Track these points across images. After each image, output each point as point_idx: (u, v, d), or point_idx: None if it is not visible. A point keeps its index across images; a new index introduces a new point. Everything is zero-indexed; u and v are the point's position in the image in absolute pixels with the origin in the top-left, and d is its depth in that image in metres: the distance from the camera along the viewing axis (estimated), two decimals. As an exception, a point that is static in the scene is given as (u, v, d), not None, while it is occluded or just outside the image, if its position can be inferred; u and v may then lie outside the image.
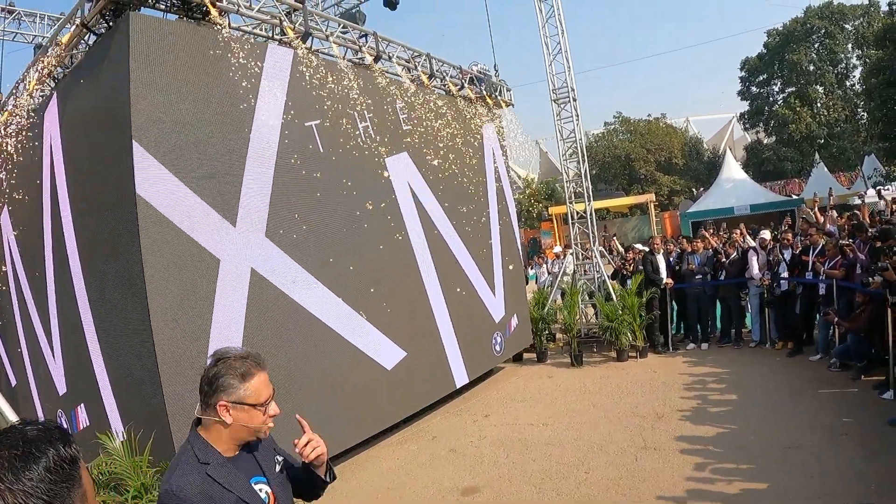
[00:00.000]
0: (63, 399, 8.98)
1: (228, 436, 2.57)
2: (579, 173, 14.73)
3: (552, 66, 14.63)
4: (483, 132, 12.93)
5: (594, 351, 13.87)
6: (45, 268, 8.81)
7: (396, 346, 9.69)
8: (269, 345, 7.55)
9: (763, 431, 8.05)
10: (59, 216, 8.12)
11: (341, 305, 8.75)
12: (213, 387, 2.51)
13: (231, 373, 2.53)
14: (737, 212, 28.80)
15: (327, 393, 8.36)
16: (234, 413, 2.52)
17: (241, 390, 2.53)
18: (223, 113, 7.30)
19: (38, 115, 8.52)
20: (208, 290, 6.94)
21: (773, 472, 6.82)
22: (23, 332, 10.21)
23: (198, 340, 6.74)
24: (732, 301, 13.33)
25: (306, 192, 8.36)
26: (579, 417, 9.57)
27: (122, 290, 6.86)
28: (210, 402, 2.51)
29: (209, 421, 2.54)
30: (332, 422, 8.30)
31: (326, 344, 8.45)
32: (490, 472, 7.95)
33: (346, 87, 9.10)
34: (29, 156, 8.69)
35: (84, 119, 7.52)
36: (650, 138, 45.48)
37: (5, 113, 9.06)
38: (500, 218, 13.34)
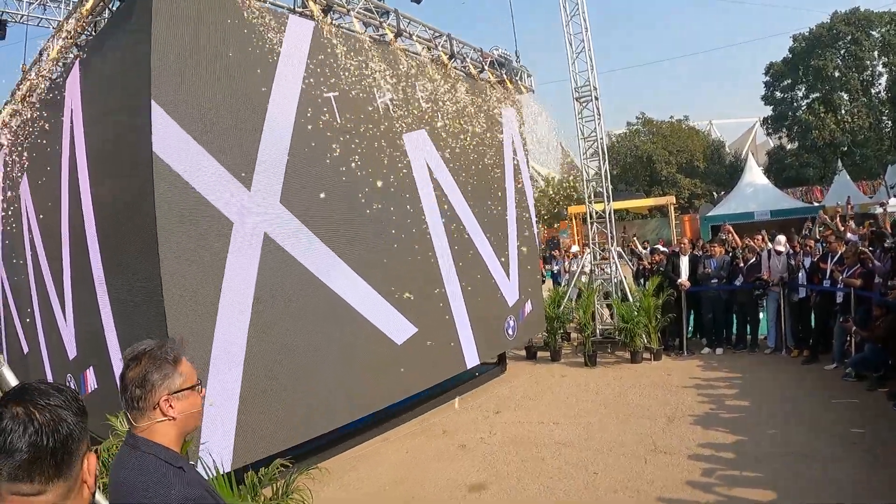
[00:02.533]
0: (73, 363, 9.11)
1: (177, 433, 2.36)
2: (599, 173, 14.69)
3: (575, 65, 14.59)
4: (502, 115, 12.89)
5: (608, 352, 13.83)
6: (61, 232, 8.95)
7: (408, 322, 9.70)
8: (279, 311, 7.64)
9: (774, 438, 8.02)
10: (76, 181, 8.25)
11: (353, 276, 8.77)
12: (147, 386, 2.29)
13: (162, 363, 2.35)
14: (757, 217, 28.66)
15: (335, 363, 8.40)
16: (177, 405, 2.33)
17: (178, 377, 2.36)
18: (242, 79, 7.36)
19: (59, 83, 8.69)
20: (220, 251, 6.98)
21: (782, 479, 6.78)
22: (36, 299, 10.39)
23: (208, 302, 6.81)
24: (749, 306, 13.24)
25: (323, 163, 8.39)
26: (590, 418, 9.55)
27: (134, 250, 6.93)
28: (148, 404, 2.29)
29: (150, 426, 2.29)
30: (341, 393, 8.44)
31: (337, 314, 8.48)
32: (499, 469, 7.95)
33: (366, 62, 9.13)
34: (49, 124, 8.86)
35: (105, 83, 7.64)
36: (673, 140, 45.33)
37: (27, 82, 9.17)
38: (517, 202, 13.32)
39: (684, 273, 13.58)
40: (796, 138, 43.12)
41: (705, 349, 13.48)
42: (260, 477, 5.80)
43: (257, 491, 5.66)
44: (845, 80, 40.35)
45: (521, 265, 13.18)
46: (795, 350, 12.30)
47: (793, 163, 41.81)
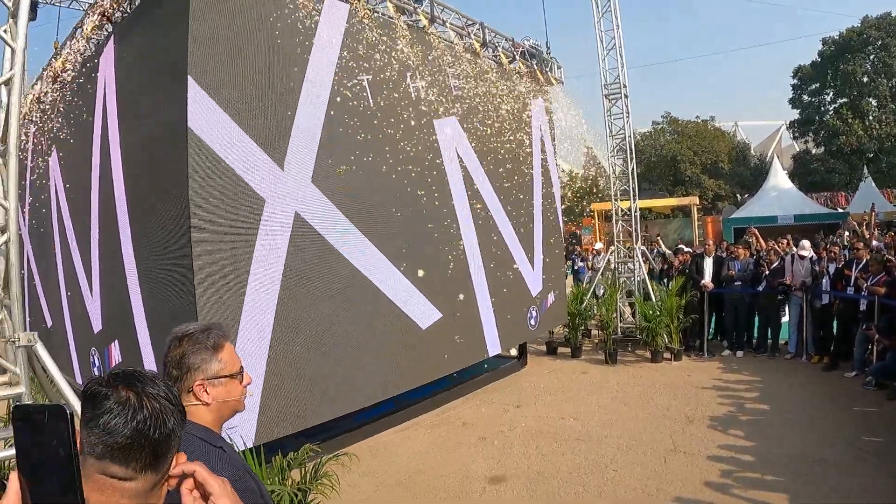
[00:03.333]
0: (97, 336, 9.24)
1: (212, 419, 2.37)
2: (626, 171, 14.70)
3: (605, 61, 14.59)
4: (531, 106, 12.88)
5: (629, 350, 13.86)
6: (91, 206, 9.06)
7: (433, 307, 9.76)
8: (307, 290, 7.70)
9: (792, 444, 8.03)
10: (108, 155, 8.33)
11: (381, 259, 8.83)
12: (183, 368, 2.32)
13: (200, 347, 2.36)
14: (780, 221, 28.55)
15: (361, 345, 8.46)
16: (213, 391, 2.35)
17: (216, 363, 2.37)
18: (278, 58, 7.40)
19: (93, 60, 8.80)
20: (252, 228, 7.04)
21: (797, 485, 6.82)
22: (63, 272, 10.55)
23: (237, 277, 6.87)
24: (771, 310, 13.23)
25: (354, 144, 8.42)
26: (610, 415, 9.61)
27: (166, 224, 7.00)
28: (183, 387, 2.31)
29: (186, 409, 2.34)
30: (364, 374, 8.50)
31: (364, 295, 8.55)
32: (518, 462, 8.01)
33: (400, 47, 9.15)
34: (82, 99, 8.98)
35: (140, 58, 7.71)
36: (698, 140, 45.08)
37: (59, 59, 9.29)
38: (544, 193, 13.34)
39: (708, 274, 13.58)
40: (822, 143, 42.67)
41: (726, 352, 13.46)
42: (289, 461, 5.90)
43: (286, 474, 5.76)
44: (874, 85, 39.87)
45: (545, 256, 13.21)
46: (816, 356, 12.25)
47: (818, 168, 41.46)
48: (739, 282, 13.25)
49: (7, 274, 5.15)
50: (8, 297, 5.19)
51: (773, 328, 13.25)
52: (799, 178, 40.58)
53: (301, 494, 5.47)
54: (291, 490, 5.41)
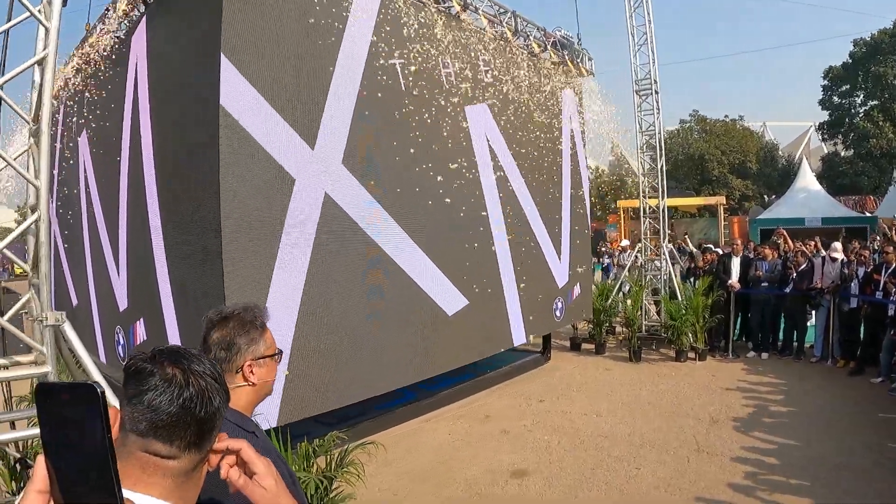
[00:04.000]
0: (123, 315, 9.31)
1: (250, 401, 2.37)
2: (655, 168, 14.64)
3: (636, 57, 14.53)
4: (562, 97, 12.84)
5: (653, 348, 13.85)
6: (119, 185, 9.10)
7: (460, 294, 9.77)
8: (335, 272, 7.71)
9: (815, 448, 7.98)
10: (138, 134, 8.37)
11: (409, 243, 8.84)
12: (233, 349, 2.30)
13: (250, 327, 2.36)
14: (808, 223, 28.22)
15: (387, 328, 8.48)
16: (258, 371, 2.34)
17: (262, 344, 2.37)
18: (311, 38, 7.41)
19: (124, 39, 8.85)
20: (281, 207, 7.06)
21: (819, 489, 6.77)
22: (89, 252, 10.65)
23: (265, 257, 6.90)
24: (798, 313, 13.12)
25: (385, 127, 8.44)
26: (633, 413, 9.58)
27: (195, 202, 7.02)
28: (231, 368, 2.30)
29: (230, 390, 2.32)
30: (391, 358, 8.52)
31: (391, 278, 8.56)
32: (541, 456, 8.01)
33: (432, 33, 9.16)
34: (112, 79, 9.05)
35: (173, 38, 7.75)
36: (726, 140, 44.78)
37: (91, 39, 9.37)
38: (573, 184, 13.31)
39: (735, 274, 13.50)
40: (852, 145, 42.13)
41: (751, 353, 13.36)
42: (314, 448, 5.92)
43: (311, 460, 5.78)
44: (905, 88, 39.44)
45: (572, 248, 13.20)
46: (842, 360, 12.15)
47: (847, 170, 40.97)
48: (766, 283, 13.16)
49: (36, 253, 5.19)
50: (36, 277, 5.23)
51: (800, 331, 13.13)
52: (827, 180, 40.03)
53: (326, 482, 5.49)
54: (317, 477, 5.44)
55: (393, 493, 7.11)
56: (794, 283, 12.83)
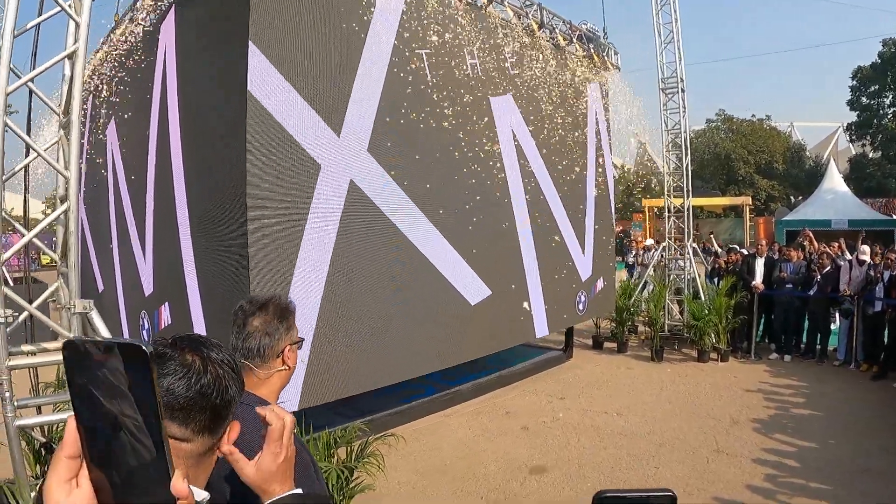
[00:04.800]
0: (148, 299, 9.39)
1: (280, 386, 2.39)
2: (680, 167, 14.60)
3: (663, 55, 14.49)
4: (587, 90, 12.80)
5: (675, 348, 13.81)
6: (147, 172, 9.18)
7: (483, 284, 9.78)
8: (357, 257, 7.76)
9: (836, 451, 7.96)
10: (166, 120, 8.45)
11: (433, 231, 8.89)
12: (275, 335, 2.33)
13: (287, 313, 2.41)
14: (834, 225, 28.02)
15: (409, 316, 8.53)
16: (291, 356, 2.39)
17: (295, 329, 2.43)
18: (338, 28, 7.45)
19: (153, 29, 8.96)
20: (307, 192, 7.13)
21: (839, 492, 6.77)
22: (116, 238, 10.76)
23: (291, 242, 6.97)
24: (821, 316, 13.04)
25: (411, 117, 8.48)
26: (654, 412, 9.59)
27: (221, 186, 7.11)
28: (273, 353, 2.33)
29: (267, 375, 2.33)
30: (412, 345, 8.57)
31: (415, 266, 8.61)
32: (560, 453, 8.04)
33: (458, 24, 9.16)
34: (141, 67, 9.15)
35: (202, 26, 7.82)
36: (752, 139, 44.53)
37: (120, 29, 9.48)
38: (597, 179, 13.27)
39: (759, 275, 13.43)
40: (880, 147, 41.74)
41: (773, 355, 13.30)
42: (336, 438, 5.97)
43: (332, 450, 5.84)
44: (936, 90, 38.99)
45: (596, 242, 13.16)
46: (865, 364, 12.05)
47: (874, 172, 40.63)
48: (791, 284, 13.09)
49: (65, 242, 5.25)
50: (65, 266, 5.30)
51: (823, 333, 13.05)
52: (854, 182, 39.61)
53: (347, 472, 5.55)
54: (338, 468, 5.49)
55: (412, 486, 7.16)
56: (818, 285, 12.76)
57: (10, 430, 4.81)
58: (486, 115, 9.83)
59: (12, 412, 4.80)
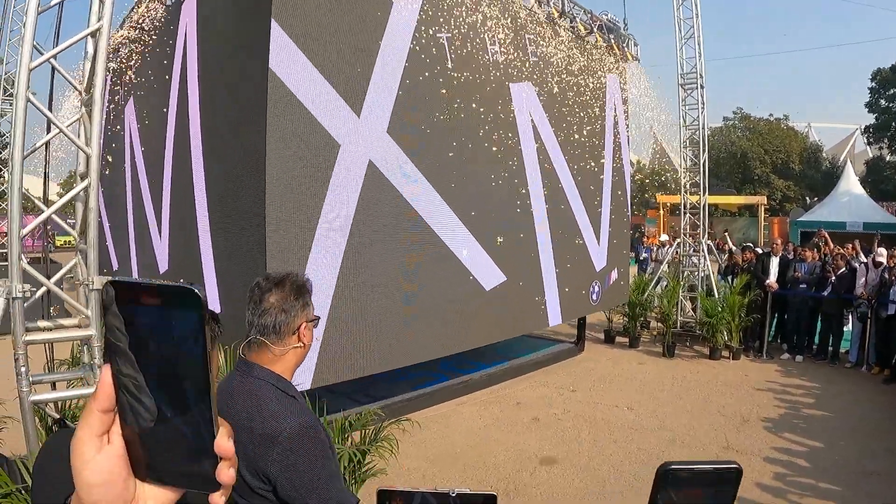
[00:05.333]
0: (163, 277, 9.37)
1: (296, 363, 2.42)
2: (697, 163, 14.58)
3: (682, 51, 14.46)
4: (606, 81, 12.79)
5: (687, 345, 13.80)
6: (165, 149, 9.28)
7: (498, 269, 9.80)
8: (374, 237, 7.79)
9: (844, 453, 7.95)
10: (186, 98, 8.53)
11: (451, 215, 8.90)
12: (292, 311, 2.34)
13: (304, 290, 2.41)
14: (849, 227, 27.87)
15: (424, 299, 8.55)
16: (307, 333, 2.41)
17: (311, 306, 2.43)
18: (360, 9, 7.48)
19: (174, 8, 9.05)
20: (325, 171, 7.14)
21: (845, 494, 6.78)
22: (132, 216, 10.90)
23: (307, 220, 6.98)
24: (834, 317, 13.00)
25: (431, 100, 8.51)
26: (665, 407, 9.60)
27: (241, 164, 7.16)
28: (289, 329, 2.34)
29: (283, 351, 2.35)
30: (426, 328, 8.61)
31: (431, 249, 8.63)
32: (570, 446, 8.06)
33: (480, 9, 9.18)
34: (161, 47, 9.24)
35: (223, 4, 7.89)
36: (769, 139, 44.33)
37: (143, 7, 9.53)
38: (615, 168, 13.27)
39: (773, 274, 13.40)
40: (897, 150, 41.61)
41: (785, 355, 13.26)
42: (350, 421, 6.02)
43: (347, 434, 5.89)
44: (954, 92, 38.65)
45: (611, 233, 13.17)
46: (877, 367, 12.01)
47: (891, 175, 40.38)
48: (805, 284, 13.06)
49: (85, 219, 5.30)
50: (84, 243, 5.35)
51: (835, 335, 13.00)
52: (870, 185, 39.35)
53: (360, 455, 5.59)
54: (351, 450, 5.53)
55: (422, 473, 7.18)
56: (832, 286, 12.73)
57: (25, 404, 4.86)
58: (505, 101, 9.84)
59: (27, 387, 4.85)
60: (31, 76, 4.93)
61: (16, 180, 4.86)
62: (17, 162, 4.89)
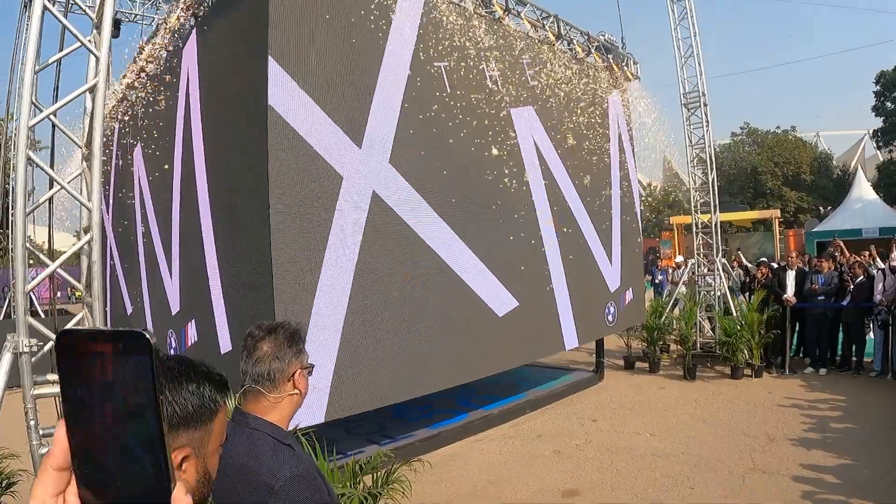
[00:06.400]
0: (175, 318, 9.47)
1: (291, 411, 2.40)
2: (706, 182, 14.50)
3: (683, 70, 14.45)
4: (608, 100, 12.77)
5: (708, 366, 13.63)
6: (172, 191, 9.34)
7: (510, 295, 9.70)
8: (382, 268, 7.75)
9: (876, 465, 7.78)
10: (190, 141, 8.60)
11: (458, 243, 8.84)
12: (285, 358, 2.33)
13: (297, 338, 2.40)
14: (865, 234, 27.61)
15: (435, 328, 8.47)
16: (302, 381, 2.39)
17: (305, 354, 2.42)
18: (356, 42, 7.55)
19: (176, 53, 9.21)
20: (329, 203, 7.15)
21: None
22: (144, 259, 10.93)
23: (314, 253, 6.97)
24: (855, 327, 12.82)
25: (432, 129, 8.52)
26: (688, 431, 9.42)
27: (244, 200, 7.19)
28: (283, 377, 2.32)
29: (279, 399, 2.33)
30: (439, 358, 8.50)
31: (440, 278, 8.57)
32: (593, 476, 7.90)
33: (476, 36, 9.22)
34: (165, 90, 9.41)
35: (222, 42, 8.00)
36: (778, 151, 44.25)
37: (144, 54, 9.67)
38: (622, 189, 13.19)
39: (790, 288, 13.25)
40: (908, 152, 41.29)
41: (808, 369, 13.11)
42: (361, 465, 5.91)
43: (358, 477, 5.77)
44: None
45: (623, 253, 13.07)
46: (901, 374, 11.84)
47: (903, 178, 40.13)
48: (823, 296, 12.89)
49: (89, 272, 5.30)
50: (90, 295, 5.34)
51: (858, 345, 12.85)
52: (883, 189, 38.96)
53: (371, 499, 5.47)
54: (362, 494, 5.42)
55: (441, 514, 7.09)
56: (851, 295, 12.56)
57: (36, 457, 4.84)
58: (507, 127, 9.86)
59: (37, 440, 4.86)
60: (42, 131, 4.98)
61: (18, 237, 4.89)
62: (19, 219, 4.92)
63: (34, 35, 5.14)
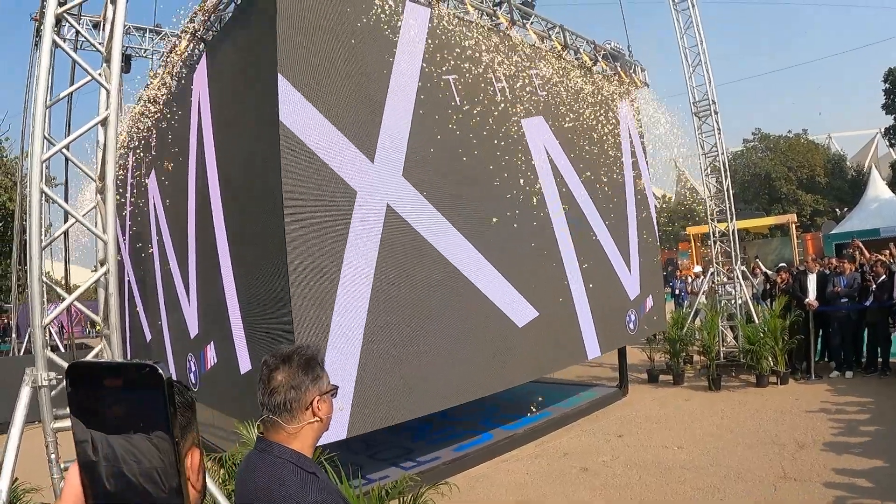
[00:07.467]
0: (194, 341, 9.54)
1: (314, 438, 2.34)
2: (721, 190, 14.45)
3: (692, 78, 14.44)
4: (618, 108, 12.76)
5: (732, 375, 13.50)
6: (188, 215, 9.44)
7: (529, 305, 9.67)
8: (401, 283, 7.76)
9: (910, 466, 7.67)
10: (203, 164, 8.74)
11: (475, 254, 8.84)
12: (301, 387, 2.26)
13: (314, 364, 2.31)
14: (883, 233, 27.43)
15: (455, 340, 8.43)
16: (323, 406, 2.31)
17: (325, 378, 2.33)
18: (364, 57, 7.63)
19: (186, 78, 9.38)
20: (344, 219, 7.18)
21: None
22: (161, 285, 11.03)
23: (331, 270, 6.98)
24: (879, 327, 12.70)
25: (443, 141, 8.55)
26: (716, 442, 9.32)
27: (260, 219, 7.23)
28: (301, 405, 2.25)
29: (299, 429, 2.27)
30: (459, 371, 8.45)
31: (458, 290, 8.56)
32: (622, 493, 7.80)
33: (483, 48, 9.26)
34: (177, 117, 9.49)
35: (232, 64, 8.12)
36: (791, 155, 44.14)
37: (155, 82, 9.77)
38: (637, 197, 13.14)
39: (812, 292, 13.14)
40: (921, 149, 41.12)
41: (834, 373, 12.99)
42: (387, 489, 5.88)
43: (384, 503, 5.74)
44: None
45: (642, 260, 13.01)
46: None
47: (918, 175, 39.91)
48: (845, 298, 12.78)
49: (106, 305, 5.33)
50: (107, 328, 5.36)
51: (883, 345, 12.71)
52: (898, 187, 38.92)
53: (398, 525, 5.45)
54: (388, 520, 5.39)
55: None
56: (874, 295, 12.44)
57: (56, 491, 4.87)
58: (518, 137, 9.89)
59: (58, 474, 4.88)
60: (57, 168, 5.05)
61: (35, 271, 4.93)
62: (35, 254, 4.96)
63: (44, 70, 5.20)
